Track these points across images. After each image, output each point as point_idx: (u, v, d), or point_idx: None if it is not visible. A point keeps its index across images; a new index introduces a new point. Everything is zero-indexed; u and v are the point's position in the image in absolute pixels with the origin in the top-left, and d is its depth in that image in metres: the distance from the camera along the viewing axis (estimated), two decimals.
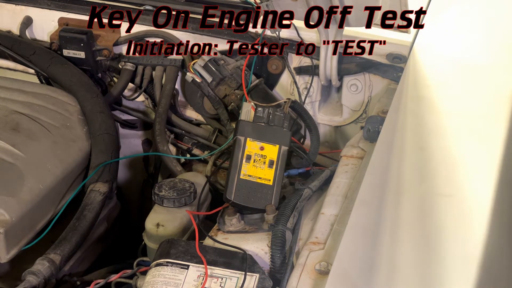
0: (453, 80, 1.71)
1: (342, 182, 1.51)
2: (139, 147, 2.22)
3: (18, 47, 2.09)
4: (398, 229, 1.30)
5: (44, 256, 1.46)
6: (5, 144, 1.64)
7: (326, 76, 1.88)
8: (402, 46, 1.85)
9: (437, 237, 1.26)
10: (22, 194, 1.54)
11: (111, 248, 1.89)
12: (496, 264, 1.25)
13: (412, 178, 1.43)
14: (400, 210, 1.35)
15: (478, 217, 1.31)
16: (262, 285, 1.26)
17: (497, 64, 1.77)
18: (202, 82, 1.87)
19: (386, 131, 1.56)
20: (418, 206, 1.36)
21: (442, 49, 1.83)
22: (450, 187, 1.39)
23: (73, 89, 1.93)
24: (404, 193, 1.40)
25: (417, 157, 1.47)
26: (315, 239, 1.35)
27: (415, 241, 1.26)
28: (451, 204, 1.36)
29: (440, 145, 1.50)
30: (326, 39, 1.82)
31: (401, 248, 1.25)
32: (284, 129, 1.54)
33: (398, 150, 1.50)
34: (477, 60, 1.78)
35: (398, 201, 1.37)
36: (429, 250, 1.24)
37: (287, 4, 1.74)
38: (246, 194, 1.48)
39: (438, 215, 1.31)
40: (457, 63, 1.77)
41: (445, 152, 1.48)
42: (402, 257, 1.23)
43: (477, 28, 1.90)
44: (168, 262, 1.31)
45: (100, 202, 1.64)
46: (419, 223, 1.31)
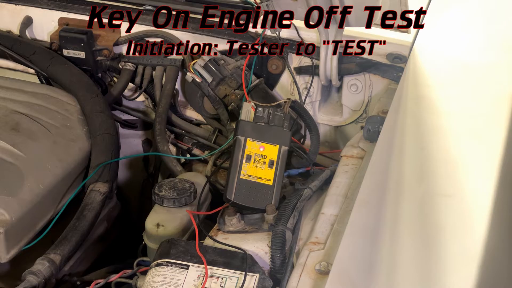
0: (453, 80, 1.71)
1: (342, 182, 1.51)
2: (139, 147, 2.22)
3: (18, 47, 2.09)
4: (398, 229, 1.30)
5: (44, 256, 1.46)
6: (5, 144, 1.64)
7: (326, 76, 1.88)
8: (402, 46, 1.85)
9: (437, 237, 1.26)
10: (22, 194, 1.54)
11: (111, 248, 1.89)
12: (496, 264, 1.25)
13: (412, 178, 1.43)
14: (400, 210, 1.35)
15: (478, 217, 1.31)
16: (262, 285, 1.26)
17: (497, 64, 1.76)
18: (202, 82, 1.87)
19: (386, 131, 1.56)
20: (418, 206, 1.36)
21: (442, 49, 1.83)
22: (450, 187, 1.39)
23: (73, 89, 1.93)
24: (404, 193, 1.40)
25: (417, 157, 1.47)
26: (315, 239, 1.35)
27: (415, 241, 1.26)
28: (451, 204, 1.36)
29: (440, 145, 1.50)
30: (326, 39, 1.82)
31: (401, 248, 1.25)
32: (284, 129, 1.54)
33: (398, 150, 1.50)
34: (477, 60, 1.78)
35: (398, 201, 1.37)
36: (429, 250, 1.24)
37: (287, 4, 1.74)
38: (246, 194, 1.48)
39: (438, 215, 1.31)
40: (457, 63, 1.77)
41: (445, 152, 1.48)
42: (402, 257, 1.23)
43: (477, 28, 1.90)
44: (168, 262, 1.31)
45: (100, 202, 1.64)
46: (419, 223, 1.31)
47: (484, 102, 1.64)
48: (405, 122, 1.58)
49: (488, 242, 1.23)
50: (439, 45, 1.84)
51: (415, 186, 1.42)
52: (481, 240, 1.24)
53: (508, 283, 1.24)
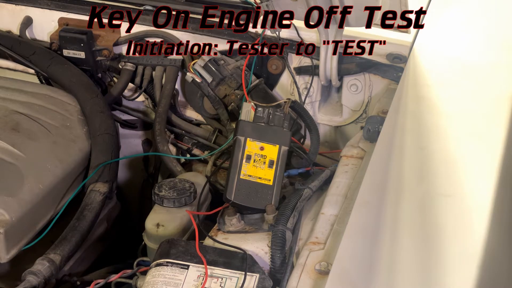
0: (453, 80, 1.71)
1: (342, 182, 1.51)
2: (139, 147, 2.22)
3: (18, 47, 2.09)
4: (398, 229, 1.30)
5: (44, 256, 1.46)
6: (5, 144, 1.64)
7: (326, 76, 1.88)
8: (402, 46, 1.85)
9: (437, 237, 1.26)
10: (22, 194, 1.54)
11: (111, 248, 1.89)
12: (496, 264, 1.25)
13: (412, 178, 1.43)
14: (400, 210, 1.35)
15: (478, 217, 1.31)
16: (262, 285, 1.26)
17: (498, 64, 1.76)
18: (202, 82, 1.87)
19: (386, 131, 1.56)
20: (418, 206, 1.36)
21: (442, 49, 1.83)
22: (450, 187, 1.39)
23: (73, 89, 1.93)
24: (404, 193, 1.40)
25: (417, 157, 1.47)
26: (315, 239, 1.35)
27: (415, 241, 1.26)
28: (451, 204, 1.36)
29: (440, 145, 1.50)
30: (326, 39, 1.81)
31: (401, 248, 1.25)
32: (284, 129, 1.54)
33: (398, 150, 1.50)
34: (477, 60, 1.77)
35: (398, 201, 1.37)
36: (429, 250, 1.24)
37: (287, 4, 1.74)
38: (246, 194, 1.48)
39: (438, 215, 1.31)
40: (457, 63, 1.77)
41: (445, 152, 1.48)
42: (402, 257, 1.23)
43: (477, 28, 1.90)
44: (168, 262, 1.31)
45: (100, 202, 1.64)
46: (419, 223, 1.31)
47: (484, 102, 1.64)
48: (405, 122, 1.58)
49: (488, 242, 1.23)
50: (439, 45, 1.84)
51: (415, 186, 1.42)
52: (481, 240, 1.24)
53: (508, 283, 1.24)
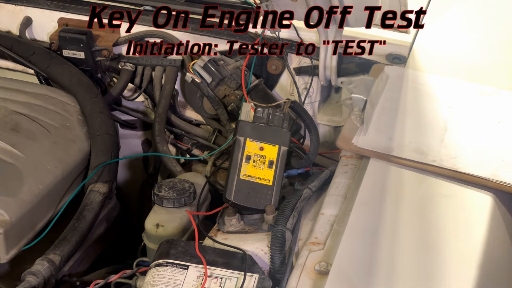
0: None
1: (342, 183, 1.51)
2: (138, 147, 2.22)
3: (17, 47, 2.09)
4: (398, 229, 1.30)
5: (44, 256, 1.46)
6: (4, 145, 1.64)
7: (326, 76, 1.88)
8: (402, 46, 1.85)
9: (437, 237, 1.26)
10: (22, 194, 1.54)
11: (110, 248, 1.89)
12: (496, 264, 1.25)
13: (412, 178, 1.43)
14: (400, 210, 1.35)
15: (478, 217, 1.31)
16: (261, 285, 1.26)
17: (497, 64, 1.77)
18: (201, 82, 1.87)
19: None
20: (418, 206, 1.36)
21: (442, 49, 1.83)
22: (450, 187, 1.39)
23: (72, 90, 1.93)
24: (404, 194, 1.40)
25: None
26: (314, 239, 1.35)
27: (415, 241, 1.26)
28: (451, 204, 1.36)
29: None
30: (326, 39, 1.81)
31: (401, 248, 1.25)
32: (283, 130, 1.54)
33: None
34: (477, 60, 1.78)
35: (398, 201, 1.37)
36: (429, 250, 1.24)
37: (287, 4, 1.73)
38: (245, 195, 1.48)
39: (438, 215, 1.31)
40: (457, 63, 1.77)
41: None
42: (401, 257, 1.23)
43: (477, 28, 1.91)
44: (167, 263, 1.30)
45: (99, 202, 1.64)
46: (419, 223, 1.31)
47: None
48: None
49: (488, 242, 1.23)
50: (438, 45, 1.84)
51: (415, 186, 1.42)
52: (481, 240, 1.24)
53: (508, 283, 1.24)
